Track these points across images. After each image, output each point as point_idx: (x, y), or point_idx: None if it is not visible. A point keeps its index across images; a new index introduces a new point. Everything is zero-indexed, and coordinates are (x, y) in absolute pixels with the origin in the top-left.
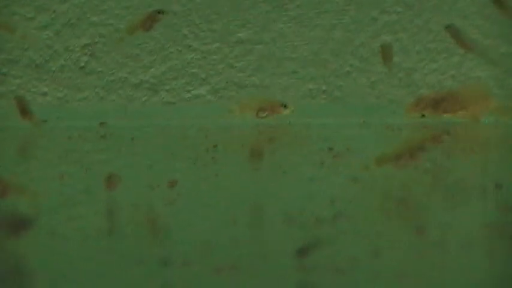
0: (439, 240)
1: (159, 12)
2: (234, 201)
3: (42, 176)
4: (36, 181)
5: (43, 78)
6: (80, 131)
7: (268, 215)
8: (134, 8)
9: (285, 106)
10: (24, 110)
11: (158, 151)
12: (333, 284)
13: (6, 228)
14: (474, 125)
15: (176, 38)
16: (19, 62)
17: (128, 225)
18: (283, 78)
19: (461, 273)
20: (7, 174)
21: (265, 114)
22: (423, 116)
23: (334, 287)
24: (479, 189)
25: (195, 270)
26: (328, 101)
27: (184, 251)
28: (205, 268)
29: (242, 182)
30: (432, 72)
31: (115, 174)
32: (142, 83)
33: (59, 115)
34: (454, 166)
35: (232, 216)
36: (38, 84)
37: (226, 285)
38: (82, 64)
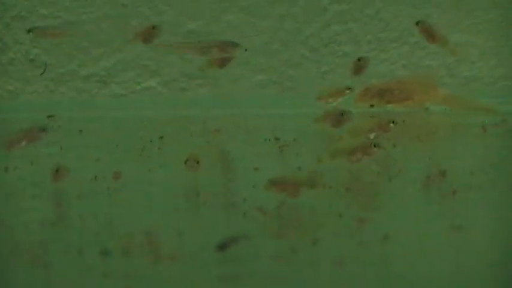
0: (383, 229)
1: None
2: (177, 191)
3: None
4: None
5: None
6: (28, 123)
7: (210, 204)
8: (84, 0)
9: None
10: None
11: (106, 143)
12: (273, 271)
13: None
14: (422, 114)
15: (126, 29)
16: None
17: (72, 217)
18: (234, 69)
19: (405, 263)
20: None
21: None
22: (372, 105)
23: (275, 274)
24: (423, 176)
25: (135, 260)
26: (278, 92)
27: (125, 241)
28: (145, 258)
29: (187, 172)
30: (383, 62)
31: (62, 166)
32: (92, 76)
33: (8, 108)
34: (400, 155)
35: (174, 206)
36: None
37: (166, 274)
38: (32, 57)
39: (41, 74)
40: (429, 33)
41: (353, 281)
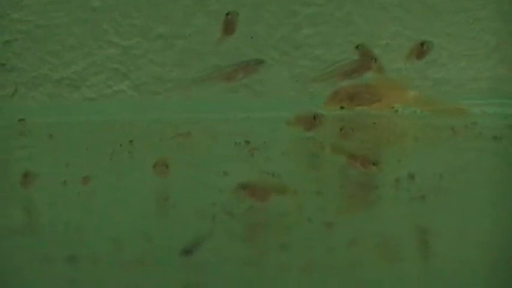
0: (351, 234)
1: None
2: (146, 195)
3: None
4: None
5: None
6: None
7: (180, 208)
8: (55, 4)
9: None
10: None
11: (76, 148)
12: (241, 276)
13: None
14: (392, 116)
15: (96, 33)
16: None
17: (41, 223)
18: (204, 72)
19: (373, 267)
20: None
21: None
22: (342, 108)
23: (243, 279)
24: (392, 179)
25: (103, 266)
26: (249, 95)
27: (93, 247)
28: (113, 264)
29: (156, 177)
30: None
31: (32, 171)
32: (63, 79)
33: None
34: (370, 158)
35: (143, 211)
36: None
37: (133, 280)
38: (3, 61)
39: (10, 96)
40: (368, 57)
41: (322, 285)
